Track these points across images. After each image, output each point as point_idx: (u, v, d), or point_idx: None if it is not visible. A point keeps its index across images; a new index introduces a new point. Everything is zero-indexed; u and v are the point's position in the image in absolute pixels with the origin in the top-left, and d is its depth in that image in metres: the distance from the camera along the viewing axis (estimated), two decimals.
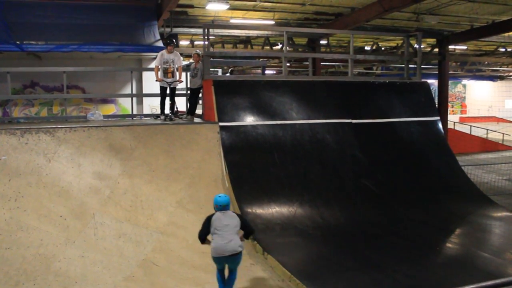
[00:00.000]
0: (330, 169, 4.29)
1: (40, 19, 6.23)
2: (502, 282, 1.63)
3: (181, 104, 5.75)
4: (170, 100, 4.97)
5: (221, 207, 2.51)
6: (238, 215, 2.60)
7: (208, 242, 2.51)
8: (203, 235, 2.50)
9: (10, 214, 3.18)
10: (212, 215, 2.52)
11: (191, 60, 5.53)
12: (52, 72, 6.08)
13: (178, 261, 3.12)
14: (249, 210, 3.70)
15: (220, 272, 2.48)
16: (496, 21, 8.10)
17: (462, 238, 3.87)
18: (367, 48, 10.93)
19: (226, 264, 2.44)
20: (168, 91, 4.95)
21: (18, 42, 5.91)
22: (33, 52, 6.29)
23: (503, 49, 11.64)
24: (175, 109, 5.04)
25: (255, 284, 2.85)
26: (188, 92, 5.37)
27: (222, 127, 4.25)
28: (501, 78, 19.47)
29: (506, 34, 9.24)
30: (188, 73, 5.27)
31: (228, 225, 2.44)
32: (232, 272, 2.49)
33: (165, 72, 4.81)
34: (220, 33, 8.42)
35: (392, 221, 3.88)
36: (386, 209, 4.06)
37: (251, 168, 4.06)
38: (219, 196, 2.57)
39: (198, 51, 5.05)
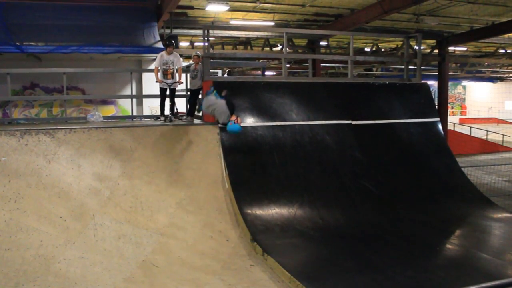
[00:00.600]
0: (330, 170, 4.29)
1: (40, 20, 6.24)
2: (501, 283, 1.63)
3: (181, 105, 5.76)
4: (170, 101, 4.98)
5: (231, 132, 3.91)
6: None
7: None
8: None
9: (10, 215, 3.18)
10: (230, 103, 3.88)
11: (191, 62, 5.54)
12: (52, 73, 6.09)
13: (178, 262, 3.12)
14: (249, 211, 3.70)
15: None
16: (496, 23, 8.11)
17: (462, 239, 3.87)
18: (367, 49, 10.94)
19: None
20: (168, 92, 4.96)
21: (18, 43, 5.93)
22: (33, 53, 6.32)
23: (503, 51, 11.66)
24: (175, 110, 5.05)
25: (255, 285, 2.85)
26: (188, 93, 5.38)
27: (222, 129, 4.25)
28: (501, 79, 19.50)
29: (506, 36, 9.27)
30: (188, 74, 5.28)
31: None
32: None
33: (165, 73, 4.82)
34: (220, 34, 8.43)
35: (392, 222, 3.88)
36: (386, 210, 4.06)
37: (251, 169, 4.06)
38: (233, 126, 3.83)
39: (198, 52, 5.06)
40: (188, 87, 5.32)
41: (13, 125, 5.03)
